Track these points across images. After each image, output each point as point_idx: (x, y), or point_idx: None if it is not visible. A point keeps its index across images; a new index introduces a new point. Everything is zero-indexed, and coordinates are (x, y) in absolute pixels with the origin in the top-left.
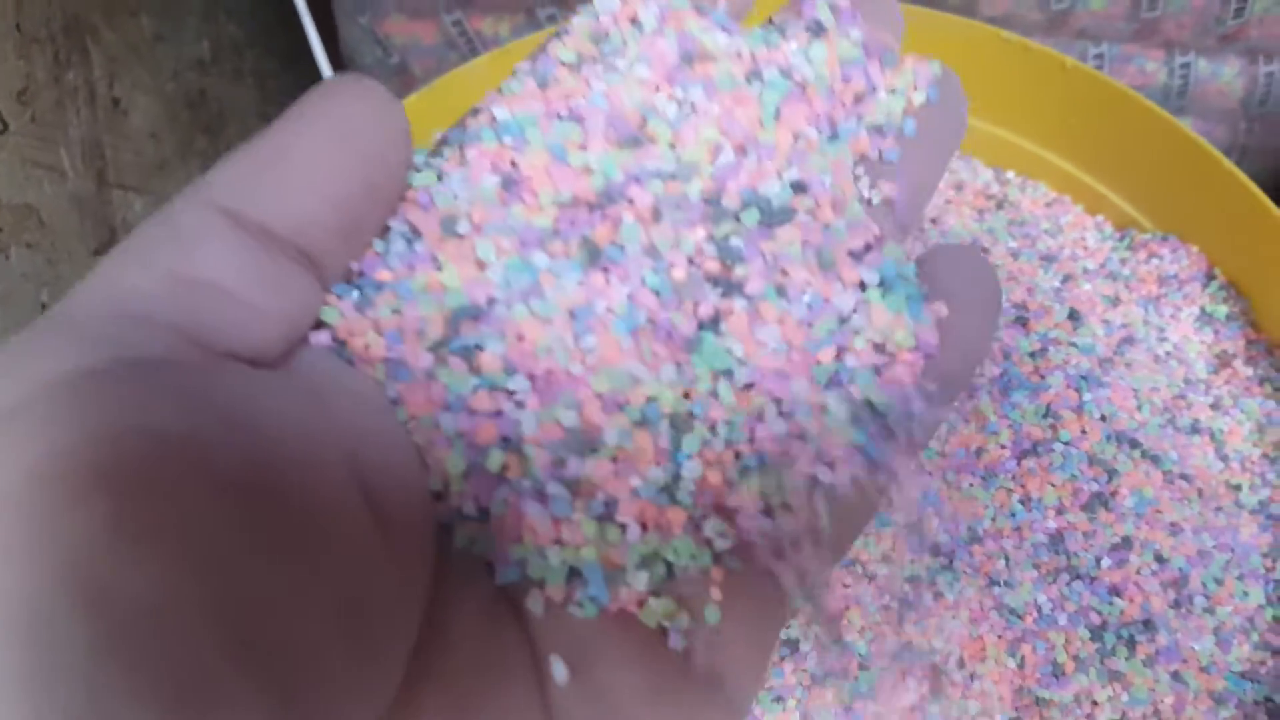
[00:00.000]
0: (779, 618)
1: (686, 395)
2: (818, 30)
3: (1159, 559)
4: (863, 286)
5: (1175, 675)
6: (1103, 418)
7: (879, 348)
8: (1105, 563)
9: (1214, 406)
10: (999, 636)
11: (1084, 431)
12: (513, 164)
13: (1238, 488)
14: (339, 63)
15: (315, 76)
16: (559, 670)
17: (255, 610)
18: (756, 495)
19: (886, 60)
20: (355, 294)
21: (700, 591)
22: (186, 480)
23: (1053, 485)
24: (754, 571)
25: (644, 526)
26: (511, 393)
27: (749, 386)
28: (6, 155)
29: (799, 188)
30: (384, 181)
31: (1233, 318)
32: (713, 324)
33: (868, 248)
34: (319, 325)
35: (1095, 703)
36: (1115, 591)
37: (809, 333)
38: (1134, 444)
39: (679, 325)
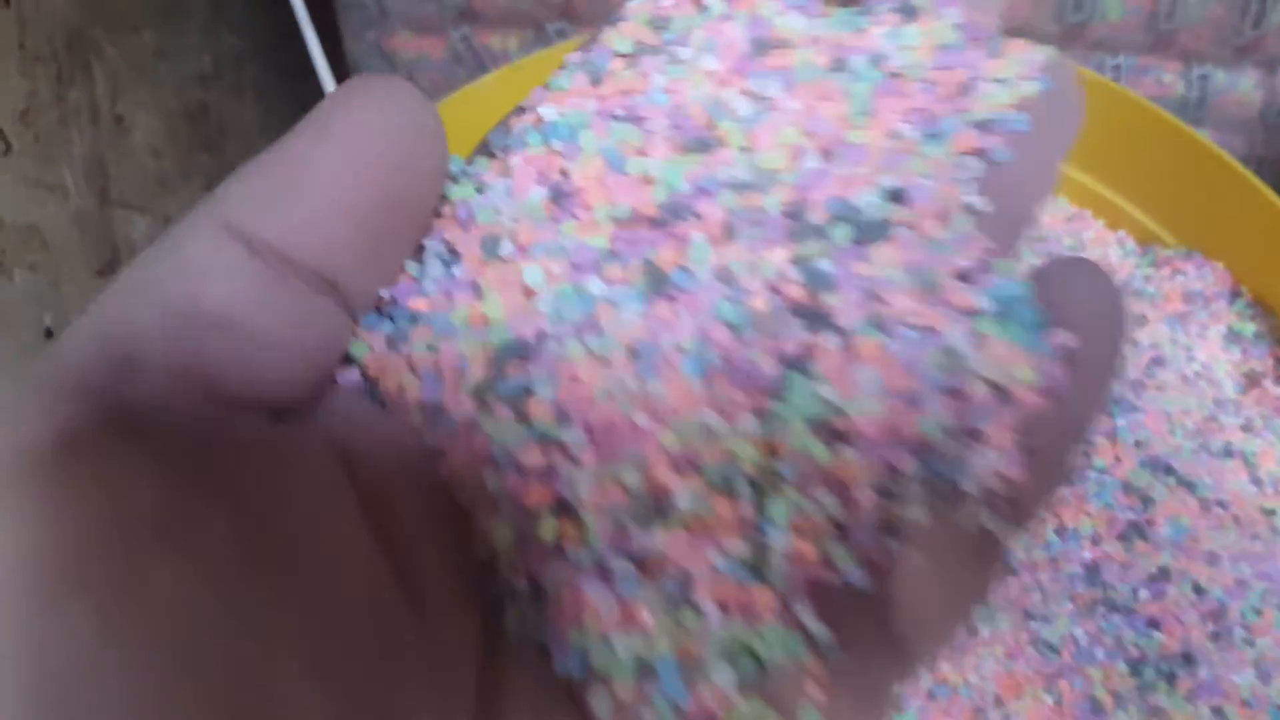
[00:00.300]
0: (884, 713)
1: (772, 451)
2: (909, 11)
3: (1197, 590)
4: (971, 313)
5: (1217, 710)
6: (1136, 443)
7: (996, 388)
8: (1143, 594)
9: (1245, 428)
10: (1035, 672)
11: (1118, 459)
12: (563, 173)
13: (1272, 513)
14: (343, 77)
15: (318, 90)
16: None
17: (252, 704)
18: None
19: (990, 45)
20: (387, 325)
21: (796, 690)
22: (167, 566)
23: (1088, 515)
24: (856, 658)
25: (725, 610)
26: (566, 446)
27: (844, 439)
28: (10, 176)
29: (896, 196)
30: (415, 194)
31: (1260, 336)
32: (800, 364)
33: (979, 266)
34: (348, 360)
35: None
36: (1154, 624)
37: (914, 373)
38: (1168, 470)
39: (760, 366)
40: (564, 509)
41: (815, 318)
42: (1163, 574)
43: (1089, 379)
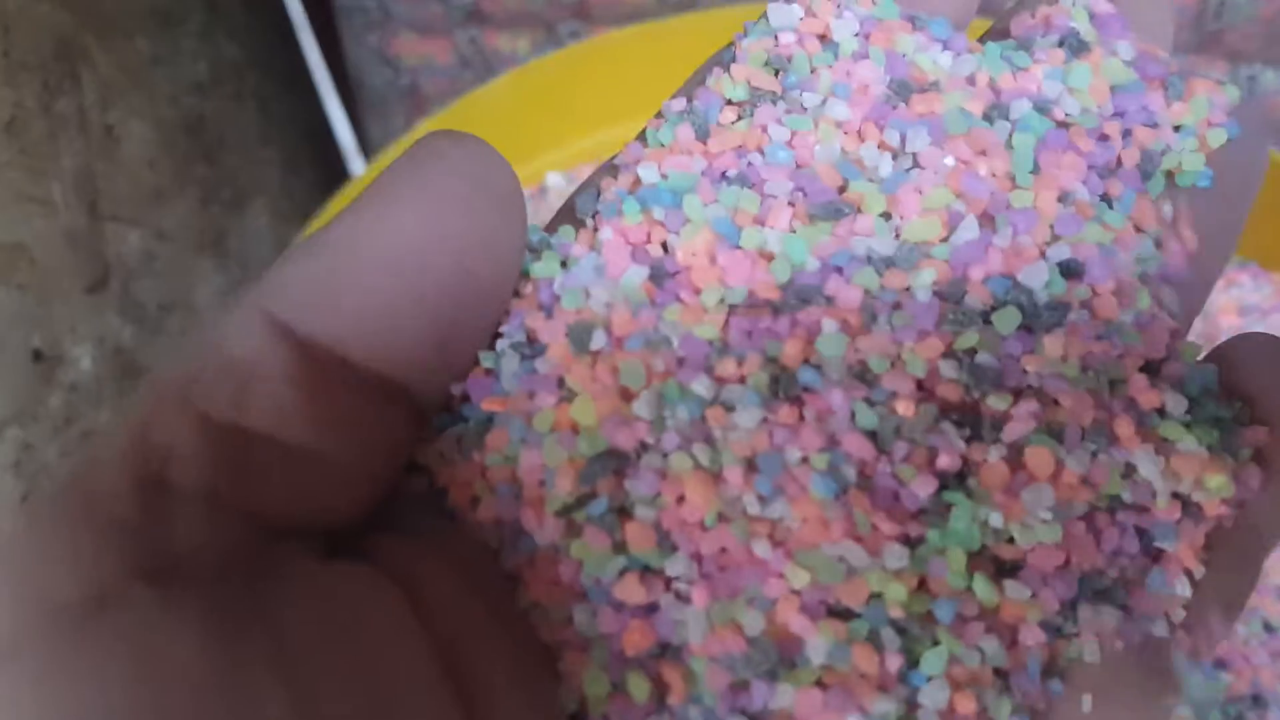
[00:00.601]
0: None
1: (924, 589)
2: (1077, 46)
3: (1267, 627)
4: (1159, 413)
5: None
6: None
7: (1184, 502)
8: None
9: None
10: None
11: None
12: (664, 247)
13: None
14: (342, 83)
15: (318, 100)
16: None
17: None
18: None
19: (1170, 85)
20: (460, 427)
21: None
22: None
23: None
24: None
25: None
26: (671, 579)
27: (1012, 572)
28: None
29: (1072, 271)
30: (492, 275)
31: None
32: (958, 481)
33: (1166, 355)
34: (416, 466)
35: None
36: (1220, 664)
37: (1093, 491)
38: None
39: (909, 484)
40: (669, 655)
41: (976, 425)
42: None
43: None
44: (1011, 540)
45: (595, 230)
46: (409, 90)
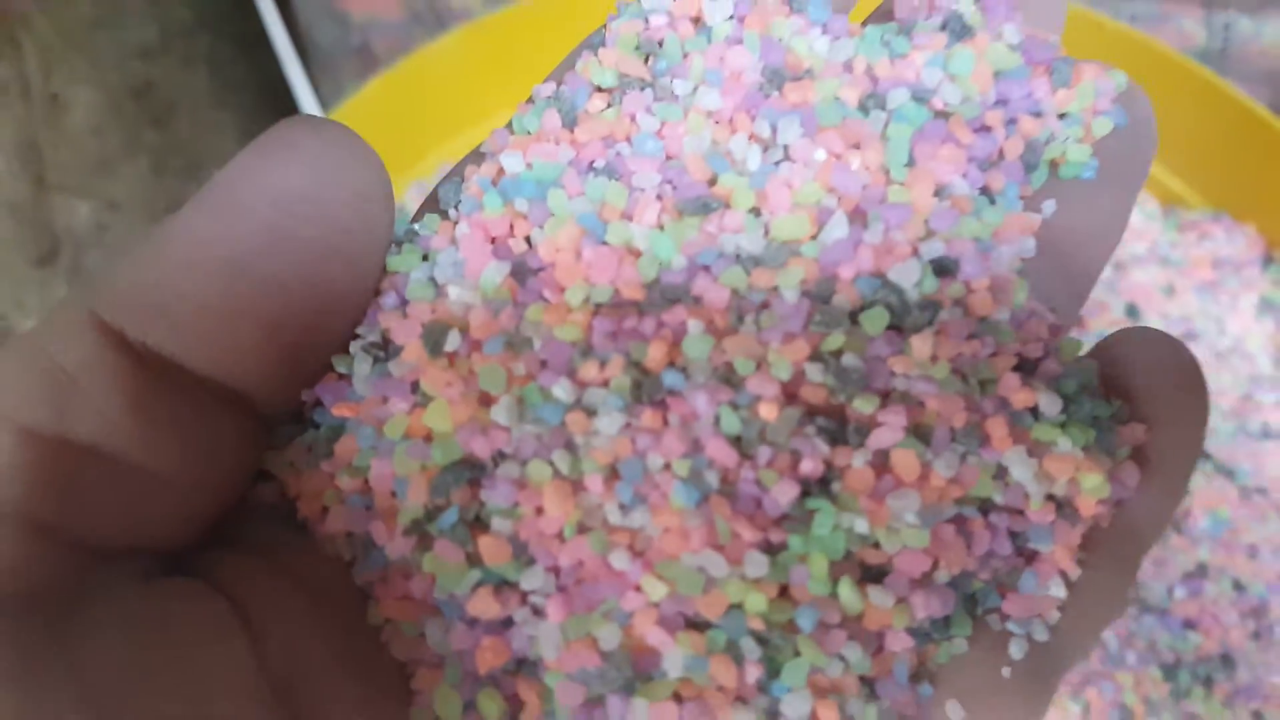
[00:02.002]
0: None
1: (786, 597)
2: (960, 31)
3: (1237, 586)
4: (1033, 413)
5: (1257, 715)
6: None
7: (1058, 503)
8: (1179, 593)
9: None
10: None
11: None
12: (527, 242)
13: None
14: (300, 45)
15: (274, 62)
16: None
17: None
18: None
19: (1057, 71)
20: (310, 434)
21: None
22: None
23: None
24: None
25: None
26: (527, 593)
27: (877, 578)
28: None
29: (944, 269)
30: (349, 277)
31: None
32: (822, 487)
33: (1042, 353)
34: (265, 475)
35: None
36: (1190, 625)
37: (965, 494)
38: (1205, 456)
39: (771, 490)
40: (525, 671)
41: (841, 429)
42: (1200, 571)
43: (1164, 476)
44: (878, 545)
45: (457, 223)
46: (359, 49)
